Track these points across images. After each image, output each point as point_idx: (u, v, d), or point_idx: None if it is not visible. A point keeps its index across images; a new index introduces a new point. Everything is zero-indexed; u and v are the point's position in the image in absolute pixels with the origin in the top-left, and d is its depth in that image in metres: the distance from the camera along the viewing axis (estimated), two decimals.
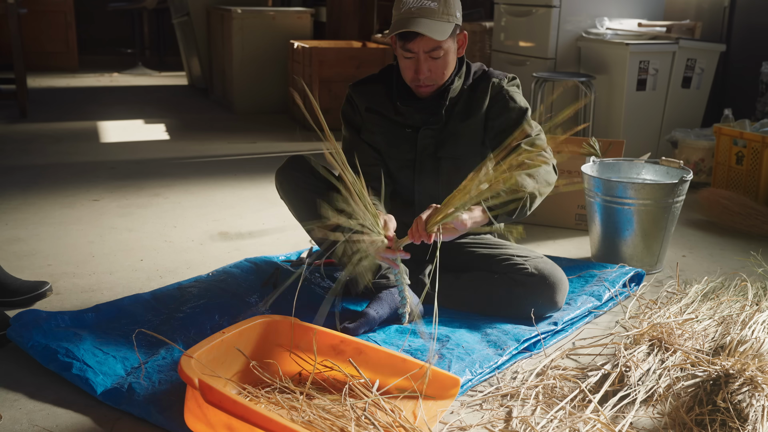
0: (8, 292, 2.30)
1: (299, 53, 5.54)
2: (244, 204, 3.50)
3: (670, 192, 2.62)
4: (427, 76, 2.15)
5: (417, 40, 2.09)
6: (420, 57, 2.12)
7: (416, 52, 2.12)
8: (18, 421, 1.71)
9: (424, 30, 2.05)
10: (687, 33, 4.16)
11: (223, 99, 6.35)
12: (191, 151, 4.64)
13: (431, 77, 2.16)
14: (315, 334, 1.84)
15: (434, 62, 2.14)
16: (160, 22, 8.95)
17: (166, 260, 2.75)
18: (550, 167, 2.15)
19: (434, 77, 2.17)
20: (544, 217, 3.23)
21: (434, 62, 2.14)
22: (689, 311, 2.19)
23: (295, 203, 2.31)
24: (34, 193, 3.57)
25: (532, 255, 2.27)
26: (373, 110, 2.30)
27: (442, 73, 2.17)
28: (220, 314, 2.18)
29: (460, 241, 2.32)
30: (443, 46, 2.12)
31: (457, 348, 1.99)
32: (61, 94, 6.75)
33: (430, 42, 2.09)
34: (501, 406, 1.78)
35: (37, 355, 1.94)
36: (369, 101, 2.30)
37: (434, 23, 2.07)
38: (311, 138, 5.08)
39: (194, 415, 1.59)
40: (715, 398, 1.62)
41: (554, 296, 2.17)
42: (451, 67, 2.19)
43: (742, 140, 3.45)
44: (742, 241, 3.07)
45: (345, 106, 2.37)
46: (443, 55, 2.14)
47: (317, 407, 1.59)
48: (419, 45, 2.10)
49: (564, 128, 2.25)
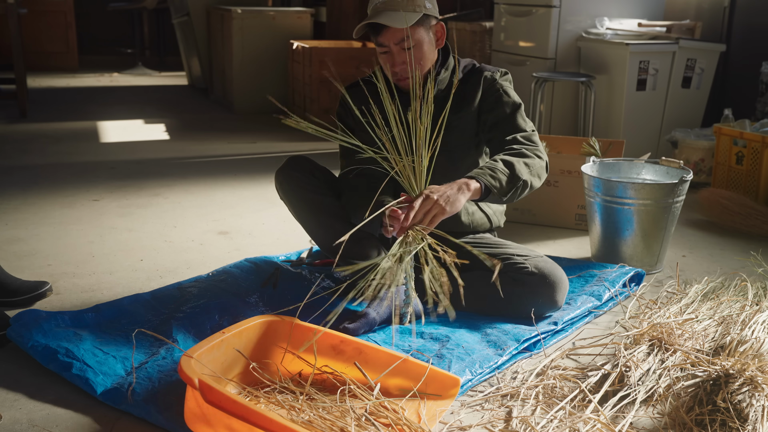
0: (8, 292, 2.30)
1: (299, 53, 5.54)
2: (244, 204, 3.50)
3: (670, 192, 2.62)
4: (403, 68, 2.19)
5: (384, 33, 2.16)
6: (393, 50, 2.18)
7: (387, 45, 2.18)
8: (18, 421, 1.71)
9: (385, 20, 2.13)
10: (687, 33, 4.16)
11: (223, 99, 6.35)
12: (191, 151, 4.64)
13: (407, 69, 2.19)
14: (314, 333, 1.84)
15: (408, 53, 2.18)
16: (160, 22, 8.95)
17: (166, 260, 2.75)
18: (543, 163, 2.19)
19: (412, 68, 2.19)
20: (544, 217, 3.23)
21: (408, 53, 2.18)
22: (689, 311, 2.19)
23: (295, 203, 2.31)
24: (34, 193, 3.57)
25: (532, 254, 2.27)
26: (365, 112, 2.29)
27: (420, 63, 2.21)
28: (220, 314, 2.18)
29: (460, 241, 2.32)
30: (414, 36, 2.16)
31: (457, 348, 1.99)
32: (61, 94, 6.75)
33: (399, 32, 2.14)
34: (501, 406, 1.78)
35: (37, 355, 1.94)
36: (362, 102, 2.30)
37: (397, 14, 2.13)
38: (310, 137, 5.08)
39: (194, 415, 1.59)
40: (715, 398, 1.62)
41: (554, 295, 2.18)
42: (428, 57, 2.23)
43: (742, 140, 3.45)
44: (742, 241, 3.07)
45: (339, 109, 2.39)
46: (416, 45, 2.18)
47: (317, 407, 1.59)
48: (387, 37, 2.16)
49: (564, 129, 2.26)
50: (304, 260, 2.67)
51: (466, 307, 2.28)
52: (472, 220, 2.38)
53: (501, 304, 2.22)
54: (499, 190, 2.06)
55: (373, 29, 2.18)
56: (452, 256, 1.76)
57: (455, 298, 2.30)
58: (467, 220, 2.37)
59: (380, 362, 1.79)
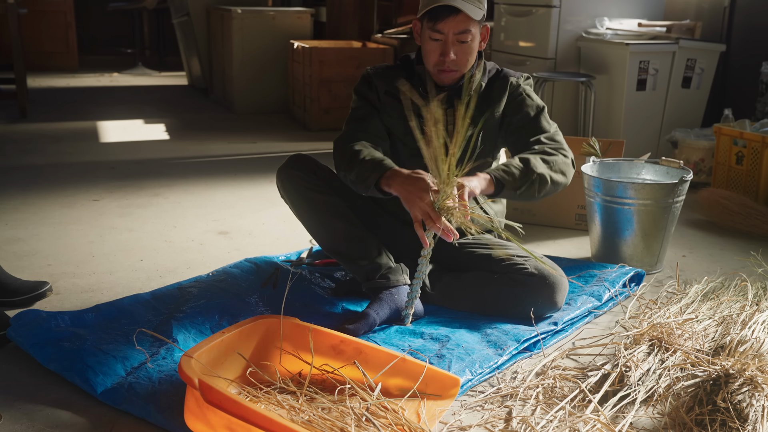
0: (8, 292, 2.30)
1: (299, 53, 5.54)
2: (244, 204, 3.50)
3: (670, 192, 2.62)
4: (453, 60, 2.18)
5: (449, 20, 2.13)
6: (448, 39, 2.16)
7: (446, 33, 2.15)
8: (18, 421, 1.71)
9: (462, 6, 2.10)
10: (687, 33, 4.16)
11: (223, 99, 6.35)
12: (191, 151, 4.64)
13: (456, 62, 2.19)
14: (311, 332, 1.84)
15: (461, 46, 2.17)
16: (160, 22, 8.95)
17: (166, 260, 2.75)
18: (568, 160, 2.21)
19: (459, 62, 2.20)
20: (544, 217, 3.23)
21: (461, 46, 2.17)
22: (689, 311, 2.19)
23: (296, 202, 2.30)
24: (34, 193, 3.57)
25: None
26: (393, 95, 2.29)
27: (467, 59, 2.20)
28: (220, 314, 2.18)
29: (460, 241, 2.33)
30: (472, 30, 2.16)
31: (457, 348, 1.99)
32: (60, 94, 6.75)
33: (462, 23, 2.13)
34: (501, 406, 1.78)
35: (37, 355, 1.94)
36: (389, 85, 2.30)
37: (468, 4, 2.12)
38: (310, 137, 5.09)
39: (194, 415, 1.59)
40: (715, 398, 1.62)
41: (554, 296, 2.18)
42: (474, 56, 2.23)
43: (742, 140, 3.45)
44: (742, 241, 3.07)
45: (361, 85, 2.35)
46: (470, 41, 2.17)
47: (317, 407, 1.59)
48: (450, 25, 2.14)
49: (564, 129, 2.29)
50: (304, 260, 2.67)
51: (467, 307, 2.29)
52: (473, 220, 2.37)
53: (501, 304, 2.22)
54: (512, 184, 2.09)
55: (436, 14, 2.14)
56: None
57: (455, 298, 2.30)
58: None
59: (380, 362, 1.79)
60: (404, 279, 2.23)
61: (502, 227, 2.50)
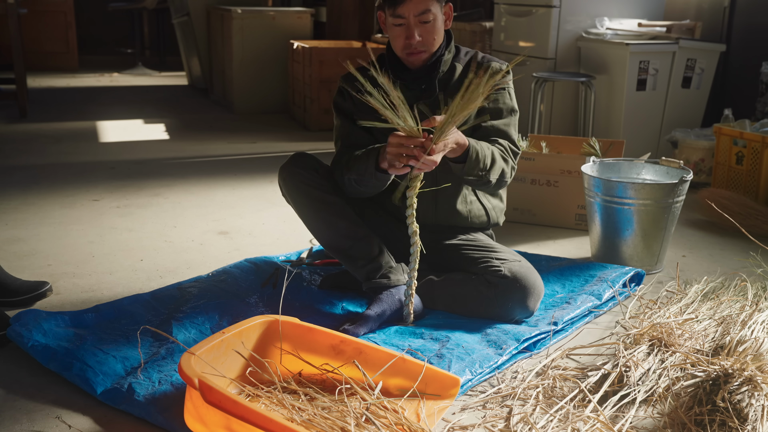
0: (8, 292, 2.30)
1: (299, 53, 5.54)
2: (244, 204, 3.50)
3: (670, 192, 2.62)
4: (419, 41, 2.21)
5: (407, 3, 2.17)
6: (410, 21, 2.19)
7: (407, 16, 2.19)
8: (18, 421, 1.71)
9: None
10: (687, 33, 4.16)
11: (223, 99, 6.35)
12: (191, 151, 4.64)
13: (423, 42, 2.21)
14: (311, 332, 1.84)
15: (424, 27, 2.20)
16: (160, 22, 8.95)
17: (166, 260, 2.75)
18: (507, 178, 2.27)
19: (425, 43, 2.22)
20: (544, 217, 3.23)
21: (424, 27, 2.20)
22: (689, 311, 2.19)
23: (298, 200, 2.30)
24: (34, 193, 3.57)
25: (512, 258, 2.26)
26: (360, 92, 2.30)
27: (433, 39, 2.23)
28: (220, 314, 2.18)
29: (450, 242, 2.33)
30: (432, 9, 2.19)
31: (457, 348, 1.99)
32: (60, 94, 6.75)
33: (421, 3, 2.17)
34: (501, 406, 1.78)
35: (37, 355, 1.94)
36: (352, 85, 2.30)
37: None
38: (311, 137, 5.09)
39: (194, 416, 1.59)
40: (715, 398, 1.62)
41: (526, 300, 2.17)
42: (440, 35, 2.26)
43: (742, 140, 3.45)
44: (742, 241, 3.07)
45: (336, 97, 2.40)
46: (432, 20, 2.20)
47: (317, 407, 1.59)
48: (409, 8, 2.17)
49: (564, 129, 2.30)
50: (304, 260, 2.67)
51: (444, 307, 2.28)
52: (470, 210, 2.36)
53: (473, 305, 2.22)
54: (476, 162, 2.11)
55: (394, 0, 2.18)
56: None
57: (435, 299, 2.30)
58: (464, 208, 2.35)
59: (380, 362, 1.79)
60: (405, 278, 2.23)
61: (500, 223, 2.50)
